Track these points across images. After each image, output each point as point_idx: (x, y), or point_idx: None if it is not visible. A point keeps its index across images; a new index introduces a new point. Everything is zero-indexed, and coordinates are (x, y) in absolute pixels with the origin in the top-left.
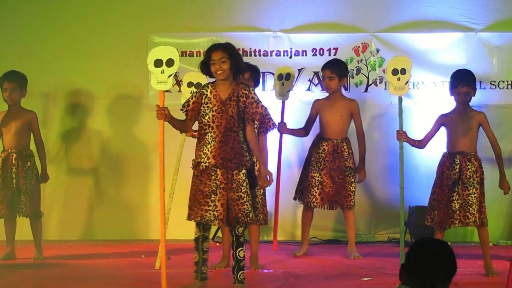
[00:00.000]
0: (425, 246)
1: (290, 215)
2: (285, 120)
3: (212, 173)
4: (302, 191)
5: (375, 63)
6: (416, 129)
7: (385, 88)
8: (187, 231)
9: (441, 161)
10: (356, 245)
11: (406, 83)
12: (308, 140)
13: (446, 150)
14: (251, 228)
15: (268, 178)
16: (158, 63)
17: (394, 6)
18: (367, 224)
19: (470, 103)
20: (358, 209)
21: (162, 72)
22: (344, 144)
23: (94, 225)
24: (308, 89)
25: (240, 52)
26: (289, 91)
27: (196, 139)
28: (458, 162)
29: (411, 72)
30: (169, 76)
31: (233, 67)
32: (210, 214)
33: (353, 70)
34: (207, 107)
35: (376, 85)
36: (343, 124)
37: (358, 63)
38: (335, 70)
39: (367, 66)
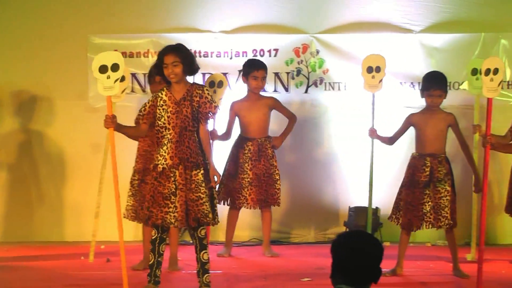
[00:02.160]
0: (353, 239)
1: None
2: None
3: (171, 175)
4: (228, 192)
5: (315, 64)
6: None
7: (325, 89)
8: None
9: (411, 163)
10: (295, 246)
11: (380, 81)
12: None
13: (415, 152)
14: (172, 230)
15: (216, 179)
16: (103, 69)
17: (334, 7)
18: (306, 224)
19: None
20: (297, 210)
21: (108, 77)
22: (268, 143)
23: (35, 227)
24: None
25: None
26: (221, 98)
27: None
28: (429, 164)
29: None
30: (115, 81)
31: (186, 69)
32: (170, 216)
33: (294, 71)
34: (163, 109)
35: (317, 86)
36: (266, 122)
37: (299, 64)
38: (266, 71)
39: (307, 67)
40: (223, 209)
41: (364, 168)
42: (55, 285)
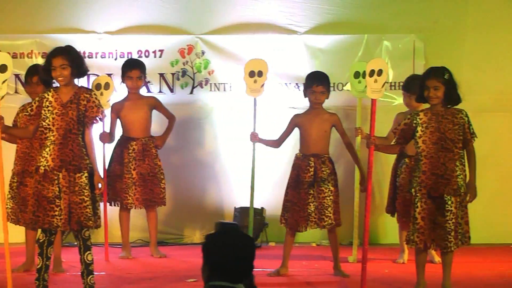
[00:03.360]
0: (223, 237)
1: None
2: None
3: (55, 178)
4: (116, 193)
5: (200, 65)
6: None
7: (210, 90)
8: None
9: (295, 163)
10: (181, 246)
11: (262, 85)
12: None
13: (299, 152)
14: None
15: (100, 186)
16: None
17: (220, 8)
18: (192, 225)
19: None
20: (182, 210)
21: None
22: (151, 142)
23: None
24: None
25: None
26: (108, 100)
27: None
28: (313, 164)
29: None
30: (3, 82)
31: (74, 72)
32: (57, 219)
33: (179, 72)
34: (48, 110)
35: (202, 87)
36: (148, 121)
37: (184, 65)
38: (143, 70)
39: (192, 68)
40: (114, 210)
41: (249, 169)
42: None
